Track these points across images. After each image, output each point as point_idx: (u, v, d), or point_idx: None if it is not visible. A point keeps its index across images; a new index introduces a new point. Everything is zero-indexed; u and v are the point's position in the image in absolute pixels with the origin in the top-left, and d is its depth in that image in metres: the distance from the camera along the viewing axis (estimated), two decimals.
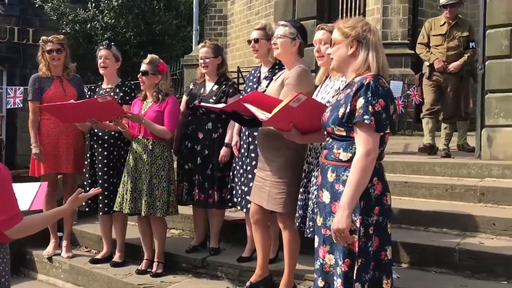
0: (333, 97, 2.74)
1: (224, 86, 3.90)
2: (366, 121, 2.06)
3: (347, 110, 2.13)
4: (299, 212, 2.94)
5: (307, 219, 2.82)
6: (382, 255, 2.14)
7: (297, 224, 2.94)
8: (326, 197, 2.25)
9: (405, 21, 11.07)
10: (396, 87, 9.45)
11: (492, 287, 3.06)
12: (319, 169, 2.37)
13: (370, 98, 2.08)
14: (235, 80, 9.12)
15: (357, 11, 6.79)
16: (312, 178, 2.82)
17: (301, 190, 2.95)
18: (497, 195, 3.92)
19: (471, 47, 5.44)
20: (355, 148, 2.14)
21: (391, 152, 6.23)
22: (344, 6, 6.53)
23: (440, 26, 5.48)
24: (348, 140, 2.18)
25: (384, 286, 2.18)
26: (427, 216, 3.83)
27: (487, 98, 4.78)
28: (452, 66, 5.34)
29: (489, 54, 4.75)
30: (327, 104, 2.74)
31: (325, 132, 2.30)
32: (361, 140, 2.09)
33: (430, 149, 5.39)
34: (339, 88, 2.67)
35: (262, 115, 2.57)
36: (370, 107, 2.06)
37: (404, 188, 4.33)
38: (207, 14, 18.34)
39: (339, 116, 2.16)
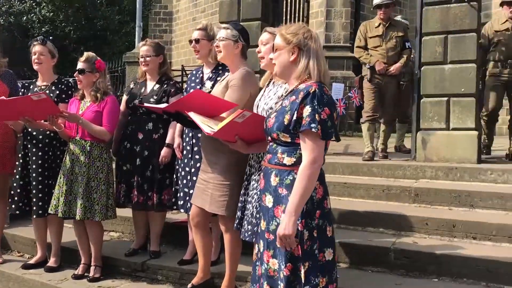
0: (276, 103, 2.77)
1: (165, 86, 3.83)
2: (313, 130, 2.09)
3: (294, 117, 2.14)
4: (238, 213, 2.94)
5: (245, 222, 2.83)
6: (320, 256, 2.17)
7: (235, 225, 2.94)
8: (269, 201, 2.26)
9: (347, 25, 11.39)
10: (338, 89, 9.70)
11: (425, 285, 3.19)
12: (262, 173, 2.37)
13: (316, 107, 2.10)
14: (180, 78, 9.02)
15: (301, 14, 6.86)
16: (252, 182, 2.83)
17: (242, 191, 2.95)
18: (430, 195, 4.10)
19: (407, 47, 5.44)
20: (299, 153, 2.17)
21: (332, 153, 6.36)
22: (289, 9, 6.56)
23: (376, 27, 5.46)
24: (292, 146, 2.20)
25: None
26: (364, 217, 3.94)
27: (422, 102, 4.98)
28: (394, 67, 5.32)
29: (424, 60, 4.95)
30: (270, 110, 2.77)
31: (269, 138, 2.31)
32: (308, 148, 2.11)
33: (373, 156, 5.25)
34: (281, 96, 2.70)
35: (207, 128, 2.56)
36: (317, 116, 2.09)
37: (343, 189, 4.44)
38: (152, 10, 18.02)
39: (285, 123, 2.18)
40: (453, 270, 3.23)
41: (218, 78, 3.38)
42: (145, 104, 3.54)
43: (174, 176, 3.72)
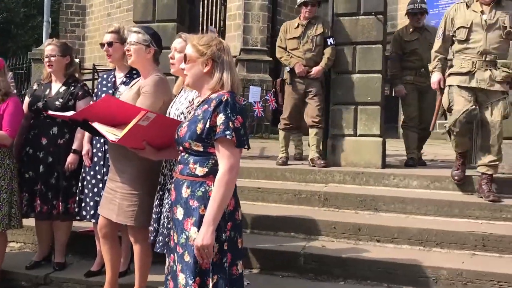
0: (186, 108, 2.73)
1: (72, 88, 3.64)
2: (228, 137, 2.08)
3: (207, 126, 2.12)
4: (154, 225, 2.86)
5: (159, 233, 2.76)
6: (233, 270, 2.17)
7: (152, 238, 2.86)
8: (180, 213, 2.22)
9: (264, 29, 11.58)
10: (255, 92, 9.84)
11: None
12: (173, 185, 2.33)
13: (230, 115, 2.10)
14: (91, 79, 8.63)
15: (219, 16, 6.85)
16: (166, 192, 2.77)
17: (156, 203, 2.87)
18: (338, 200, 4.27)
19: (329, 44, 5.09)
20: (211, 163, 2.16)
21: (248, 156, 6.44)
22: (206, 11, 6.53)
23: (295, 28, 5.23)
24: (204, 155, 2.18)
25: None
26: (277, 221, 4.02)
27: (332, 109, 5.18)
28: (314, 71, 5.07)
29: (335, 69, 5.16)
30: (181, 115, 2.73)
31: (180, 148, 2.27)
32: (224, 155, 2.10)
33: (287, 161, 5.24)
34: (192, 99, 2.67)
35: (111, 135, 2.46)
36: (230, 123, 2.09)
37: (257, 194, 4.50)
38: (64, 3, 17.10)
39: (198, 132, 2.15)
40: (358, 273, 3.39)
41: (129, 84, 3.27)
42: (50, 112, 3.31)
43: (80, 184, 3.54)
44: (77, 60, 6.52)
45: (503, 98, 3.97)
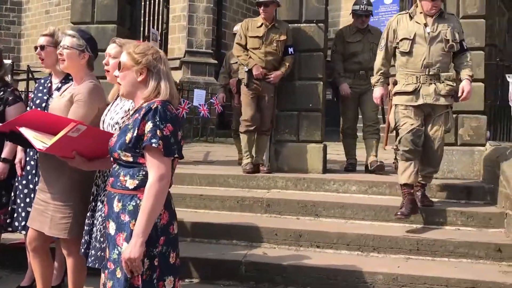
0: (122, 118, 2.64)
1: (1, 93, 3.45)
2: (154, 145, 2.03)
3: (135, 134, 2.07)
4: (85, 237, 2.75)
5: (91, 246, 2.66)
6: (160, 285, 2.11)
7: (83, 250, 2.75)
8: (112, 228, 2.14)
9: (209, 31, 11.51)
10: (199, 95, 9.78)
11: None
12: (106, 199, 2.25)
13: (158, 122, 2.05)
14: (26, 78, 8.25)
15: (161, 18, 6.73)
16: (98, 204, 2.67)
17: (88, 214, 2.77)
18: (280, 206, 4.30)
19: (290, 53, 4.98)
20: (142, 174, 2.10)
21: (192, 160, 6.37)
22: (147, 12, 6.39)
23: (257, 27, 4.98)
24: (135, 167, 2.11)
25: None
26: (219, 229, 4.00)
27: (276, 115, 5.20)
28: (274, 75, 4.92)
29: None
30: (116, 125, 2.64)
31: (112, 159, 2.20)
32: (153, 164, 2.05)
33: (256, 168, 4.98)
34: (128, 110, 2.59)
35: (39, 144, 2.34)
36: (158, 131, 2.04)
37: (200, 201, 4.45)
38: None
39: (126, 141, 2.09)
40: (299, 280, 3.42)
41: (60, 90, 3.13)
42: None
43: (12, 194, 3.36)
44: (8, 62, 6.21)
45: (446, 112, 3.93)
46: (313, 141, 5.05)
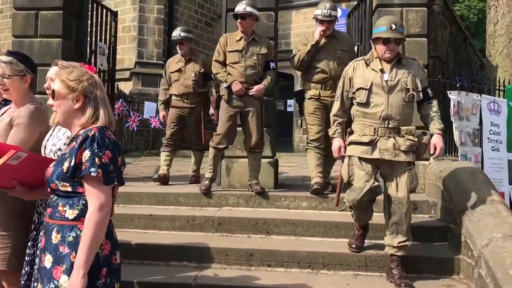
0: (64, 144, 2.55)
1: None
2: (93, 174, 1.97)
3: (72, 163, 2.00)
4: (26, 268, 2.62)
5: (33, 278, 2.53)
6: None
7: (23, 282, 2.62)
8: (48, 261, 2.05)
9: (160, 42, 11.39)
10: (150, 107, 9.65)
11: None
12: (43, 230, 2.15)
13: (96, 150, 2.00)
14: None
15: (109, 31, 6.59)
16: (40, 233, 2.55)
17: (29, 244, 2.64)
18: (231, 224, 4.28)
19: (271, 67, 4.86)
20: (82, 204, 2.03)
21: (142, 176, 6.26)
22: (95, 25, 6.24)
23: (237, 41, 4.80)
24: (74, 196, 2.04)
25: None
26: (168, 250, 3.92)
27: None
28: (257, 88, 4.71)
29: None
30: (59, 152, 2.55)
31: (49, 189, 2.11)
32: (92, 194, 1.99)
33: (211, 183, 4.86)
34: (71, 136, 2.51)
35: None
36: (97, 159, 1.98)
37: (149, 221, 4.36)
38: None
39: (64, 171, 2.02)
40: None
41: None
42: None
43: None
44: None
45: (408, 169, 3.49)
46: (265, 157, 5.07)
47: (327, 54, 4.85)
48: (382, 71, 3.52)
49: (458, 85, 5.71)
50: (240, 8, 4.78)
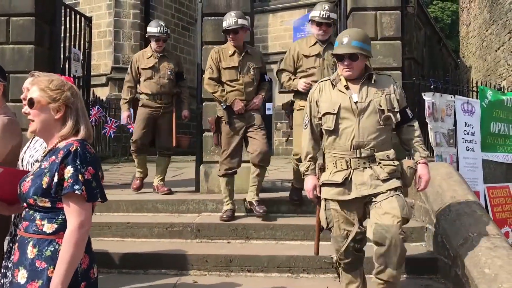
0: (42, 155, 2.50)
1: None
2: (77, 192, 1.92)
3: (55, 180, 1.94)
4: (2, 281, 2.54)
5: None
6: None
7: None
8: (22, 276, 1.99)
9: (137, 47, 11.28)
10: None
11: None
12: (17, 244, 2.09)
13: (79, 167, 1.94)
14: None
15: (84, 37, 6.50)
16: (14, 246, 2.49)
17: (5, 256, 2.57)
18: (210, 230, 4.25)
19: (267, 80, 4.65)
20: (61, 218, 1.98)
21: (120, 183, 6.18)
22: (68, 31, 6.14)
23: (230, 56, 4.45)
24: (53, 211, 1.99)
25: None
26: (147, 258, 3.87)
27: (204, 136, 5.18)
28: (257, 99, 4.47)
29: (205, 96, 5.17)
30: (36, 163, 2.49)
31: (24, 204, 2.05)
32: (73, 212, 1.93)
33: (233, 214, 4.44)
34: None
35: None
36: (80, 176, 1.93)
37: (127, 229, 4.31)
38: None
39: (44, 187, 1.96)
40: None
41: None
42: None
43: None
44: None
45: (396, 194, 2.84)
46: (243, 161, 5.05)
47: (321, 62, 4.26)
48: (347, 88, 2.95)
49: (432, 86, 5.80)
50: (230, 21, 4.39)
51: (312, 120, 3.07)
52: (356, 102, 2.91)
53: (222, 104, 4.43)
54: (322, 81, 3.11)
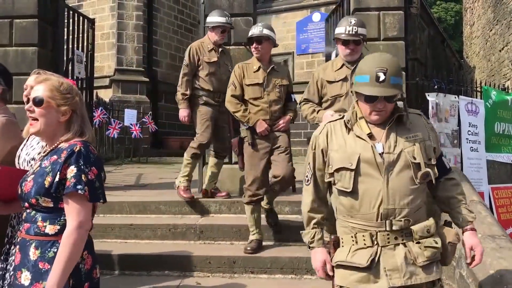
0: (39, 154, 2.50)
1: None
2: (80, 192, 1.92)
3: (56, 179, 1.93)
4: None
5: None
6: None
7: None
8: (25, 278, 1.98)
9: (140, 49, 11.31)
10: (131, 114, 9.55)
11: None
12: (18, 246, 2.08)
13: (82, 167, 1.94)
14: None
15: (86, 39, 6.51)
16: (13, 247, 2.49)
17: (1, 257, 2.57)
18: (213, 232, 4.25)
19: (293, 100, 4.18)
20: (63, 219, 1.97)
21: (123, 185, 6.18)
22: (71, 33, 6.15)
23: (254, 72, 4.05)
24: (55, 212, 1.98)
25: None
26: (150, 260, 3.87)
27: None
28: (283, 120, 4.05)
29: None
30: (32, 161, 2.49)
31: (26, 204, 2.04)
32: (73, 211, 1.93)
33: (260, 245, 4.00)
34: (46, 145, 2.45)
35: None
36: (83, 176, 1.93)
37: (129, 231, 4.30)
38: None
39: (46, 186, 1.95)
40: None
41: None
42: None
43: None
44: None
45: None
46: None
47: (347, 88, 3.47)
48: (372, 137, 2.12)
49: (436, 87, 5.78)
50: (255, 30, 4.08)
51: (317, 174, 2.23)
52: (381, 154, 2.08)
53: (244, 124, 4.05)
54: (330, 122, 2.26)
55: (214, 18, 4.78)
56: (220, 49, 4.79)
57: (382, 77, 2.10)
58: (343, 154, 2.14)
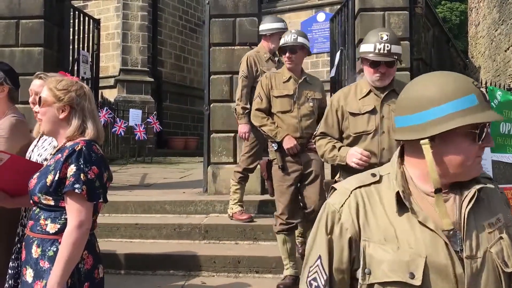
0: (51, 154, 2.52)
1: None
2: (77, 191, 1.92)
3: (56, 177, 1.95)
4: (9, 282, 2.56)
5: None
6: None
7: None
8: (29, 275, 2.00)
9: (145, 49, 11.34)
10: (135, 115, 9.58)
11: None
12: (24, 243, 2.11)
13: (82, 166, 1.95)
14: None
15: (92, 39, 6.54)
16: (22, 245, 2.51)
17: (13, 256, 2.59)
18: (218, 231, 4.26)
19: None
20: (64, 218, 1.98)
21: (128, 185, 6.21)
22: (77, 34, 6.18)
23: (284, 83, 3.61)
24: (57, 210, 2.00)
25: None
26: (155, 259, 3.89)
27: (212, 137, 5.18)
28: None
29: (212, 97, 5.18)
30: (45, 162, 2.50)
31: (31, 201, 2.06)
32: (73, 210, 1.94)
33: (295, 281, 3.42)
34: (57, 146, 2.47)
35: None
36: (82, 175, 1.93)
37: (135, 230, 4.32)
38: None
39: (47, 184, 1.97)
40: None
41: None
42: None
43: None
44: None
45: None
46: None
47: (376, 124, 2.79)
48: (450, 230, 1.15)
49: None
50: (288, 38, 3.61)
51: (335, 277, 1.19)
52: (459, 252, 1.15)
53: (273, 144, 3.57)
54: (360, 188, 1.23)
55: (270, 24, 4.48)
56: (276, 58, 4.46)
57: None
58: (396, 254, 1.14)
